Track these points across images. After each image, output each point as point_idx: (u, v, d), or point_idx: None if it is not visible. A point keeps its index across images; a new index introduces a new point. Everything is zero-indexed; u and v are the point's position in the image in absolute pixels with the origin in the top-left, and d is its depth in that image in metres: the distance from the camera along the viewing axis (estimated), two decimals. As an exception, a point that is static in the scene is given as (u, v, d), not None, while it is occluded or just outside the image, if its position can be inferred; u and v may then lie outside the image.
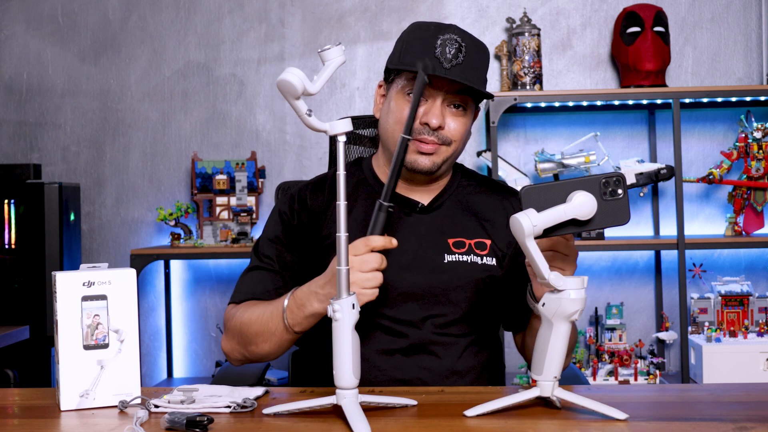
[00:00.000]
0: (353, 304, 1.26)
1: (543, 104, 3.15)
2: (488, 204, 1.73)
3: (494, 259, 1.67)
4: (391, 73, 1.68)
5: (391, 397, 1.36)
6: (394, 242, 1.42)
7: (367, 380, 1.53)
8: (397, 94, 1.65)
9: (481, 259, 1.66)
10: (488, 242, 1.68)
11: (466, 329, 1.66)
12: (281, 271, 1.68)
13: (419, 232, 1.67)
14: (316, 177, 1.79)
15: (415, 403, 1.36)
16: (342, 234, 1.26)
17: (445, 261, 1.64)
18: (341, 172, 1.27)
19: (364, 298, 1.41)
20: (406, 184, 1.70)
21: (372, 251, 1.41)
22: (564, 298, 1.27)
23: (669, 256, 3.32)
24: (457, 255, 1.65)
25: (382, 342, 1.61)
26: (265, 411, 1.31)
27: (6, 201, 3.11)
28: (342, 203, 1.27)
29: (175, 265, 3.46)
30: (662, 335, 3.18)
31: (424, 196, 1.71)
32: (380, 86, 1.73)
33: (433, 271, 1.63)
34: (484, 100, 3.13)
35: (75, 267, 3.01)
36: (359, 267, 1.40)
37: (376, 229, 1.42)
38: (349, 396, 1.25)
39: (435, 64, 1.58)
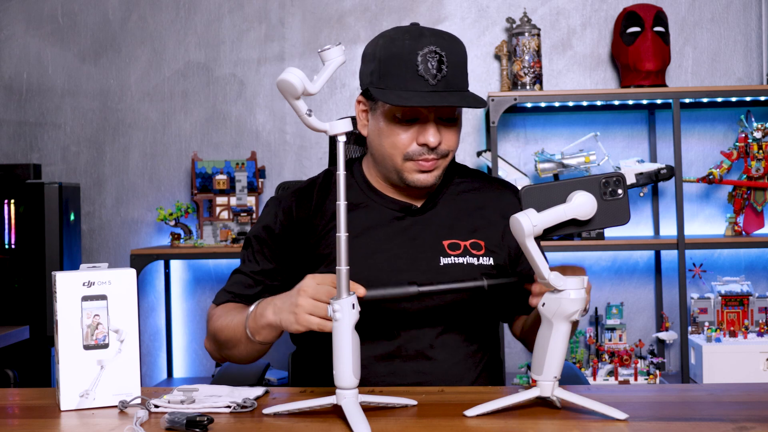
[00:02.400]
0: (353, 304, 1.25)
1: (543, 104, 3.15)
2: (482, 201, 1.72)
3: (491, 258, 1.66)
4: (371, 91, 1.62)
5: (391, 397, 1.36)
6: (360, 291, 1.36)
7: (366, 386, 1.52)
8: (386, 117, 1.59)
9: (478, 260, 1.65)
10: (482, 243, 1.67)
11: (465, 332, 1.65)
12: (261, 276, 1.68)
13: (413, 234, 1.66)
14: (304, 183, 1.76)
15: (415, 403, 1.36)
16: (342, 234, 1.26)
17: (441, 264, 1.63)
18: (341, 172, 1.27)
19: (304, 322, 1.37)
20: (400, 191, 1.69)
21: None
22: (564, 298, 1.27)
23: (669, 256, 3.32)
24: (452, 257, 1.64)
25: (379, 347, 1.61)
26: (265, 411, 1.31)
27: (6, 201, 3.11)
28: (342, 203, 1.27)
29: (175, 265, 3.46)
30: (662, 335, 3.18)
31: (415, 199, 1.70)
32: (359, 102, 1.67)
33: (428, 274, 1.62)
34: (486, 95, 3.14)
35: (75, 267, 3.01)
36: (313, 293, 1.37)
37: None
38: (349, 396, 1.25)
39: (420, 83, 1.54)
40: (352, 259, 1.32)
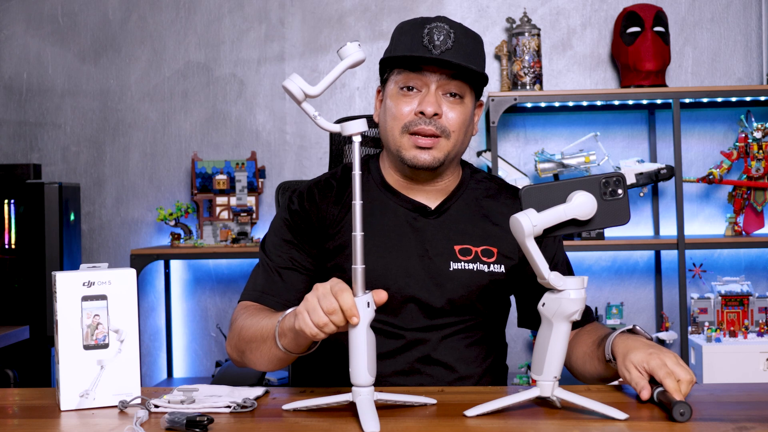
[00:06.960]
0: (368, 303, 1.25)
1: (543, 104, 3.15)
2: (498, 208, 1.69)
3: (502, 265, 1.64)
4: (384, 72, 1.67)
5: (408, 395, 1.35)
6: (354, 319, 1.25)
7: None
8: (391, 92, 1.63)
9: (488, 267, 1.63)
10: (495, 250, 1.65)
11: (471, 337, 1.65)
12: (291, 267, 1.63)
13: (425, 237, 1.64)
14: (323, 176, 1.74)
15: (434, 402, 1.35)
16: (358, 233, 1.26)
17: (451, 269, 1.62)
18: (357, 172, 1.27)
19: (306, 328, 1.28)
20: (411, 183, 1.67)
21: (339, 300, 1.26)
22: (564, 298, 1.27)
23: (669, 256, 3.32)
24: (463, 263, 1.62)
25: (385, 348, 1.59)
26: (285, 407, 1.33)
27: (6, 201, 3.11)
28: (358, 203, 1.27)
29: (175, 265, 3.46)
30: (662, 335, 3.17)
31: (431, 198, 1.67)
32: (378, 92, 1.71)
33: (438, 278, 1.61)
34: (486, 95, 3.15)
35: (75, 267, 3.01)
36: (321, 299, 1.27)
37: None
38: (364, 393, 1.26)
39: (424, 52, 1.56)
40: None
